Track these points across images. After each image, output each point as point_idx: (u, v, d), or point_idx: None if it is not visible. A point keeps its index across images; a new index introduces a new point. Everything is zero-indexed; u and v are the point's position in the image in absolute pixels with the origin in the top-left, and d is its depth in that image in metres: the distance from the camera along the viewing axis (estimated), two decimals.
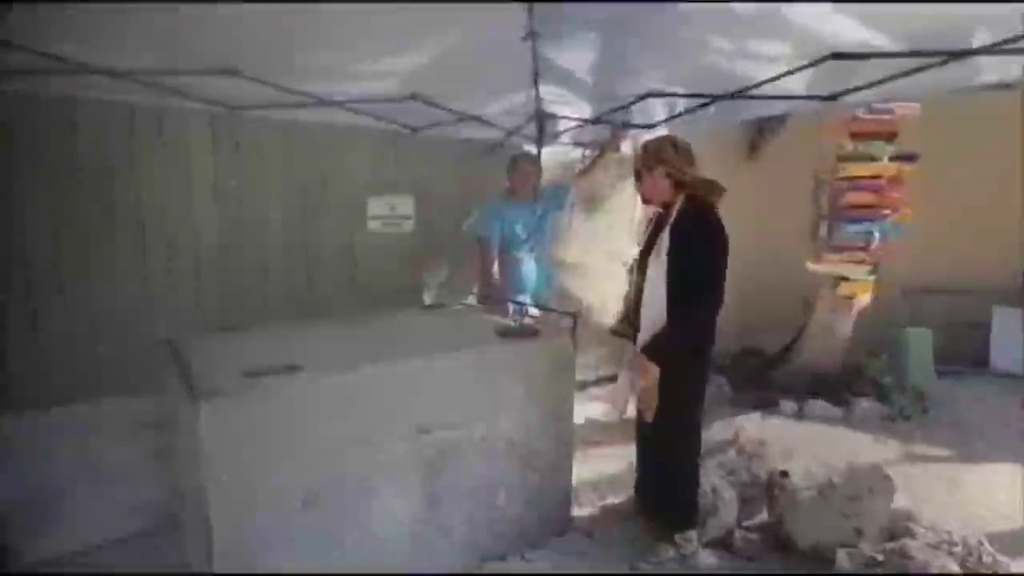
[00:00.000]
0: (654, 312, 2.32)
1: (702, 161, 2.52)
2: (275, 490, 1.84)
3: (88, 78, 2.37)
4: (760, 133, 5.82)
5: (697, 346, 2.33)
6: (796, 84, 2.61)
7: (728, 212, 2.35)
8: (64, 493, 2.53)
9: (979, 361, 5.18)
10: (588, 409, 4.13)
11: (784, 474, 2.61)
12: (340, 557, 1.99)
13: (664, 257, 2.28)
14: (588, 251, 4.40)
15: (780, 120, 5.56)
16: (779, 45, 2.34)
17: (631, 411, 2.63)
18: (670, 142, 2.38)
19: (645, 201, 2.50)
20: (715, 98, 2.91)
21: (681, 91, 3.01)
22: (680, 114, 3.21)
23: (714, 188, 2.31)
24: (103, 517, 2.56)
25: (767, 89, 2.70)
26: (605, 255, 3.92)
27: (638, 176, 2.45)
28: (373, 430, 2.04)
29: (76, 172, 2.65)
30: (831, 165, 4.34)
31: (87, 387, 2.72)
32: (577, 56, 2.93)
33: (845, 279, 4.15)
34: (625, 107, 3.29)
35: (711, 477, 2.58)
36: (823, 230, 5.56)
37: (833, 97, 2.57)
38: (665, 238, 2.29)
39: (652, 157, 2.37)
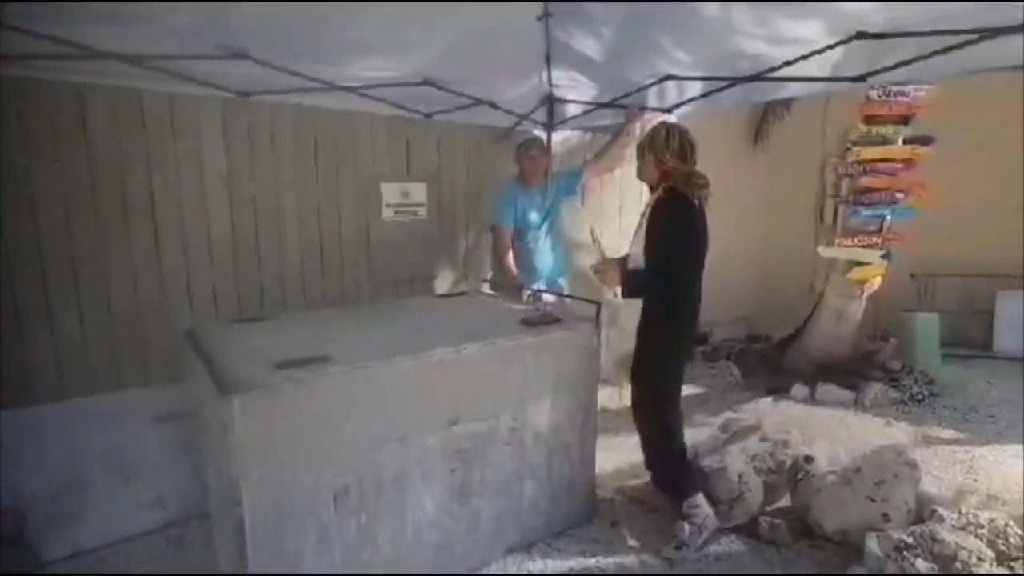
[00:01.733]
0: None
1: (707, 147, 2.55)
2: (307, 486, 1.81)
3: (98, 64, 2.30)
4: (765, 118, 5.79)
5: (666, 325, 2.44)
6: (822, 65, 2.57)
7: (733, 198, 2.42)
8: (86, 486, 2.49)
9: (987, 345, 5.22)
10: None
11: (808, 459, 2.60)
12: (371, 551, 1.97)
13: (641, 236, 2.46)
14: (601, 231, 4.40)
15: (785, 104, 5.53)
16: (804, 24, 2.30)
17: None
18: (665, 132, 2.46)
19: (645, 181, 2.61)
20: (737, 80, 2.85)
21: (700, 73, 2.96)
22: (696, 97, 3.15)
23: (692, 182, 2.38)
24: (127, 511, 2.53)
25: (791, 70, 2.66)
26: (617, 233, 4.02)
27: (639, 156, 2.56)
28: (403, 422, 2.00)
29: (88, 161, 2.57)
30: (842, 149, 4.31)
31: (106, 379, 2.68)
32: (591, 38, 2.87)
33: (858, 264, 4.13)
34: (638, 91, 3.24)
35: (736, 463, 2.57)
36: (830, 214, 5.58)
37: (862, 78, 2.52)
38: (644, 221, 2.47)
39: (643, 144, 2.50)
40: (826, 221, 5.85)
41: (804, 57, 2.51)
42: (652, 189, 2.53)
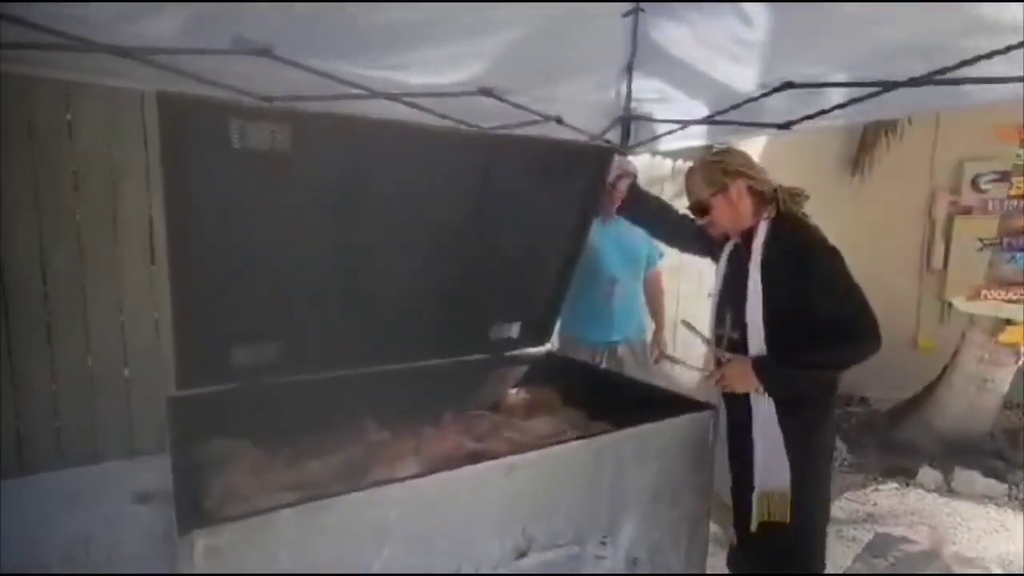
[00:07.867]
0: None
1: (793, 177, 1.94)
2: None
3: (89, 58, 1.86)
4: (864, 145, 5.07)
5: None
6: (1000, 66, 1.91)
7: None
8: None
9: None
10: None
11: None
12: None
13: (759, 297, 1.75)
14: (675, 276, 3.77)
15: (892, 128, 4.82)
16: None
17: None
18: (724, 152, 1.97)
19: (721, 234, 1.93)
20: (888, 85, 2.21)
21: (836, 78, 2.34)
22: (828, 110, 2.51)
23: (797, 195, 1.85)
24: None
25: (960, 73, 2.01)
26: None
27: (704, 209, 1.87)
28: (453, 556, 1.37)
29: (73, 178, 2.12)
30: (955, 181, 3.54)
31: (81, 449, 2.20)
32: (690, 37, 2.31)
33: (1009, 322, 3.33)
34: (744, 104, 2.64)
35: None
36: (940, 258, 4.79)
37: None
38: (756, 273, 1.76)
39: (722, 172, 1.83)
40: (934, 266, 5.02)
41: (986, 56, 1.88)
42: (741, 233, 1.87)
